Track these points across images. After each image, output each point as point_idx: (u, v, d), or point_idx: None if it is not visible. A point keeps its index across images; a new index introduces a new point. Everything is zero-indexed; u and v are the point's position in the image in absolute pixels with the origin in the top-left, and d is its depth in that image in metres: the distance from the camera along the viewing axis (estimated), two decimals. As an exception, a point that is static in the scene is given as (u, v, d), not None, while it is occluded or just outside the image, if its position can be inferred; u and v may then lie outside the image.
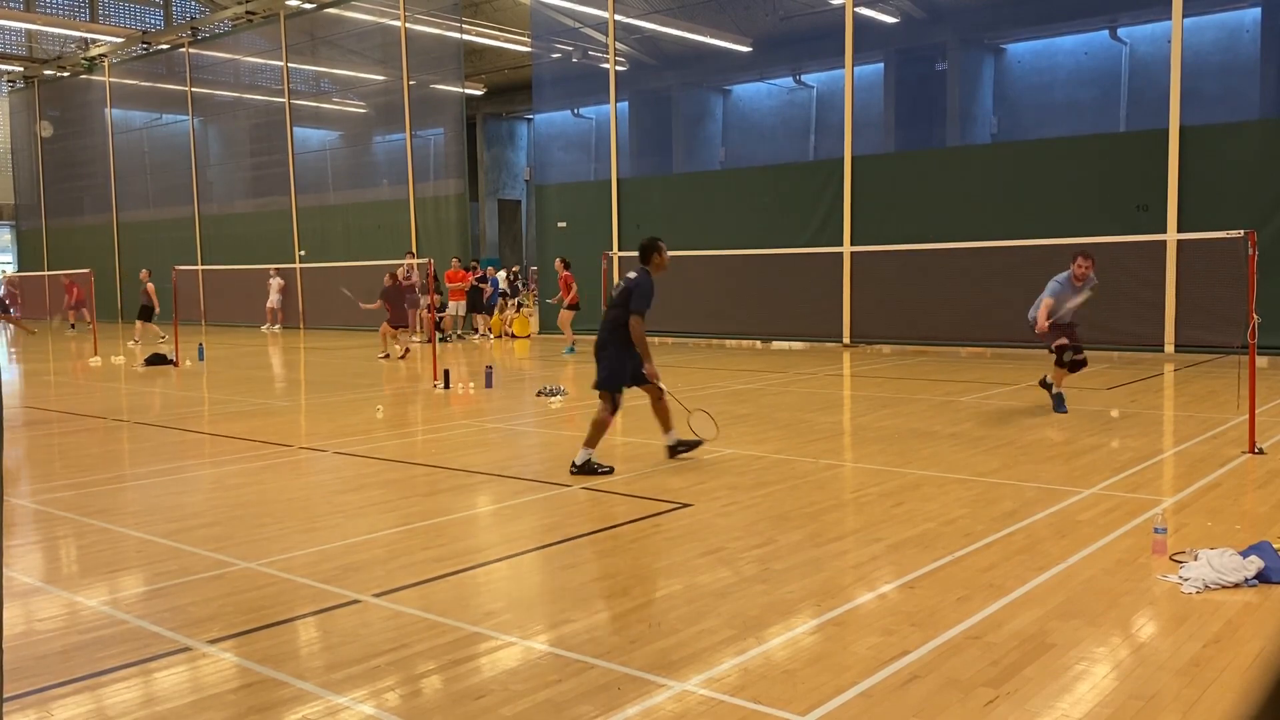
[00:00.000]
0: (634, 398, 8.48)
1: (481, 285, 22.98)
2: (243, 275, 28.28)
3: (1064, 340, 10.05)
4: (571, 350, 18.28)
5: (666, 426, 8.16)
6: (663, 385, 8.03)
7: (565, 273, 19.33)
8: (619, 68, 22.35)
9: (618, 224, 21.95)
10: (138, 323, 22.21)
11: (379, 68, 27.16)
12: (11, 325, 24.64)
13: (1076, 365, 10.19)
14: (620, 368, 7.92)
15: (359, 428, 10.40)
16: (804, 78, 24.07)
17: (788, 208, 19.60)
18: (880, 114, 21.48)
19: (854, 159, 18.75)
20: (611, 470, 7.68)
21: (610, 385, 7.91)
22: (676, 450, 8.15)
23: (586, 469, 7.63)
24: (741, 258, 18.63)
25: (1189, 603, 4.53)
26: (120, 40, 33.41)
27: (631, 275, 7.99)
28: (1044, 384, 10.52)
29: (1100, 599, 4.63)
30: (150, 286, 22.09)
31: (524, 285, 30.08)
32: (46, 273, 33.32)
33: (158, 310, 22.13)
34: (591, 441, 7.73)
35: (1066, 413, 9.98)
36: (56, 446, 9.91)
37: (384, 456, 8.71)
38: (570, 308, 19.11)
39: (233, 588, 5.12)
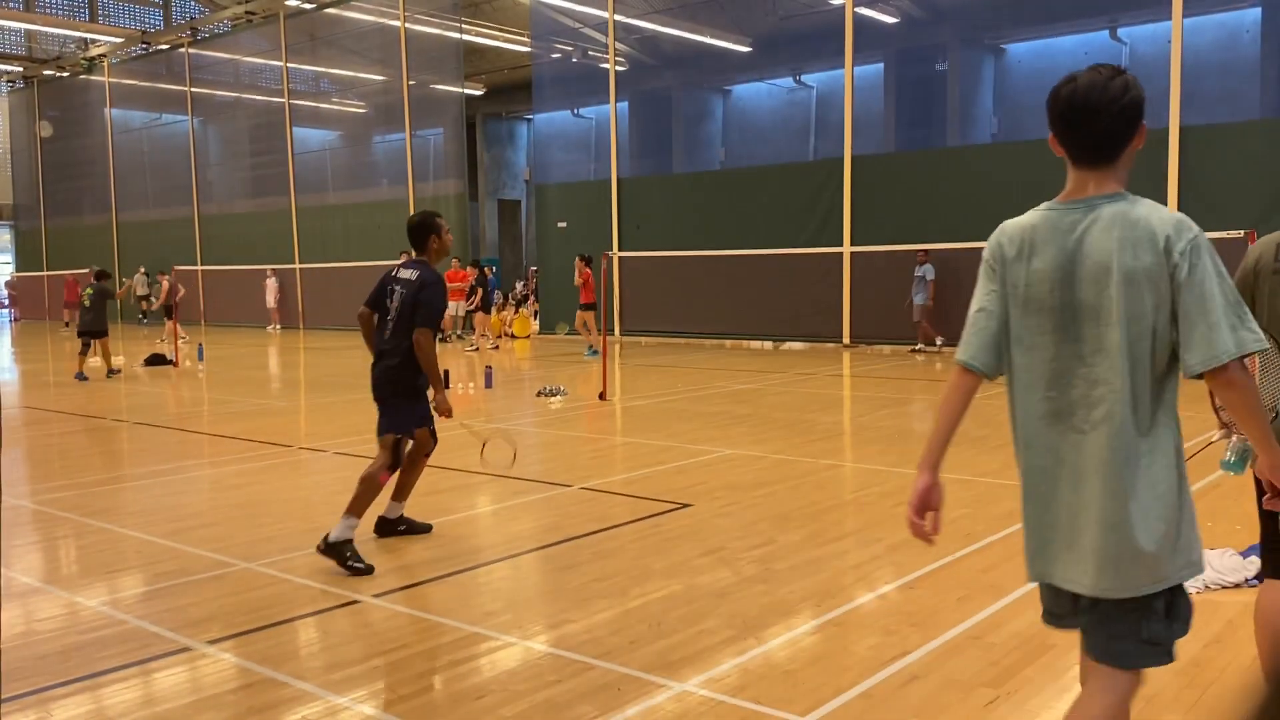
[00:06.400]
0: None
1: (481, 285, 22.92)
2: (242, 275, 28.28)
3: None
4: (594, 352, 17.33)
5: (404, 494, 6.12)
6: (462, 423, 6.37)
7: (587, 269, 18.13)
8: (619, 68, 22.34)
9: (618, 224, 21.94)
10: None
11: (379, 68, 27.15)
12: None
13: None
14: (416, 402, 5.86)
15: (359, 428, 10.39)
16: (804, 78, 24.06)
17: (788, 208, 19.59)
18: (880, 114, 21.47)
19: (854, 159, 18.74)
20: (371, 570, 5.29)
21: (403, 427, 5.84)
22: (397, 527, 6.09)
23: (338, 551, 5.31)
24: (741, 258, 18.62)
25: (1189, 603, 4.53)
26: (120, 40, 33.40)
27: (408, 274, 5.82)
28: None
29: (1100, 599, 4.63)
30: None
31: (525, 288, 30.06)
32: (46, 273, 33.31)
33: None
34: (358, 508, 5.52)
35: None
36: (56, 446, 9.91)
37: (384, 456, 8.70)
38: (587, 307, 18.08)
39: (232, 588, 5.11)
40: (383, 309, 5.86)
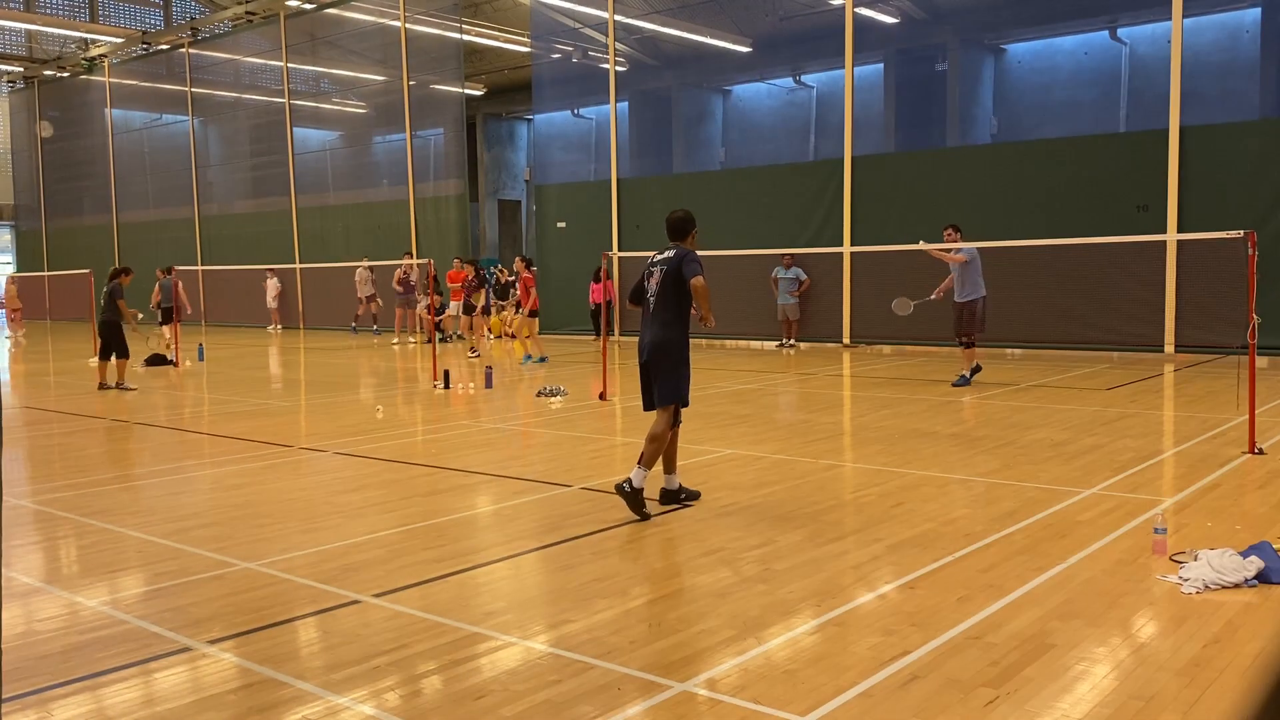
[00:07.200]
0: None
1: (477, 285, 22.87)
2: (243, 275, 28.29)
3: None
4: (543, 359, 16.84)
5: (673, 464, 6.73)
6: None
7: (527, 274, 17.11)
8: (619, 68, 22.34)
9: (618, 224, 21.94)
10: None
11: (379, 68, 27.15)
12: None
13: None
14: (686, 373, 6.59)
15: (359, 428, 10.39)
16: (804, 78, 24.05)
17: (788, 208, 19.59)
18: (880, 114, 21.46)
19: (854, 159, 18.74)
20: (649, 517, 6.34)
21: (680, 397, 6.56)
22: (679, 496, 6.72)
23: (636, 498, 6.30)
24: (741, 258, 18.61)
25: (1189, 603, 4.53)
26: (120, 40, 33.39)
27: (665, 254, 6.74)
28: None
29: (1100, 599, 4.63)
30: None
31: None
32: (47, 273, 33.31)
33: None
34: (649, 462, 6.38)
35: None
36: (56, 446, 9.91)
37: (384, 457, 8.71)
38: (531, 314, 17.05)
39: (233, 588, 5.11)
40: (643, 293, 6.67)
